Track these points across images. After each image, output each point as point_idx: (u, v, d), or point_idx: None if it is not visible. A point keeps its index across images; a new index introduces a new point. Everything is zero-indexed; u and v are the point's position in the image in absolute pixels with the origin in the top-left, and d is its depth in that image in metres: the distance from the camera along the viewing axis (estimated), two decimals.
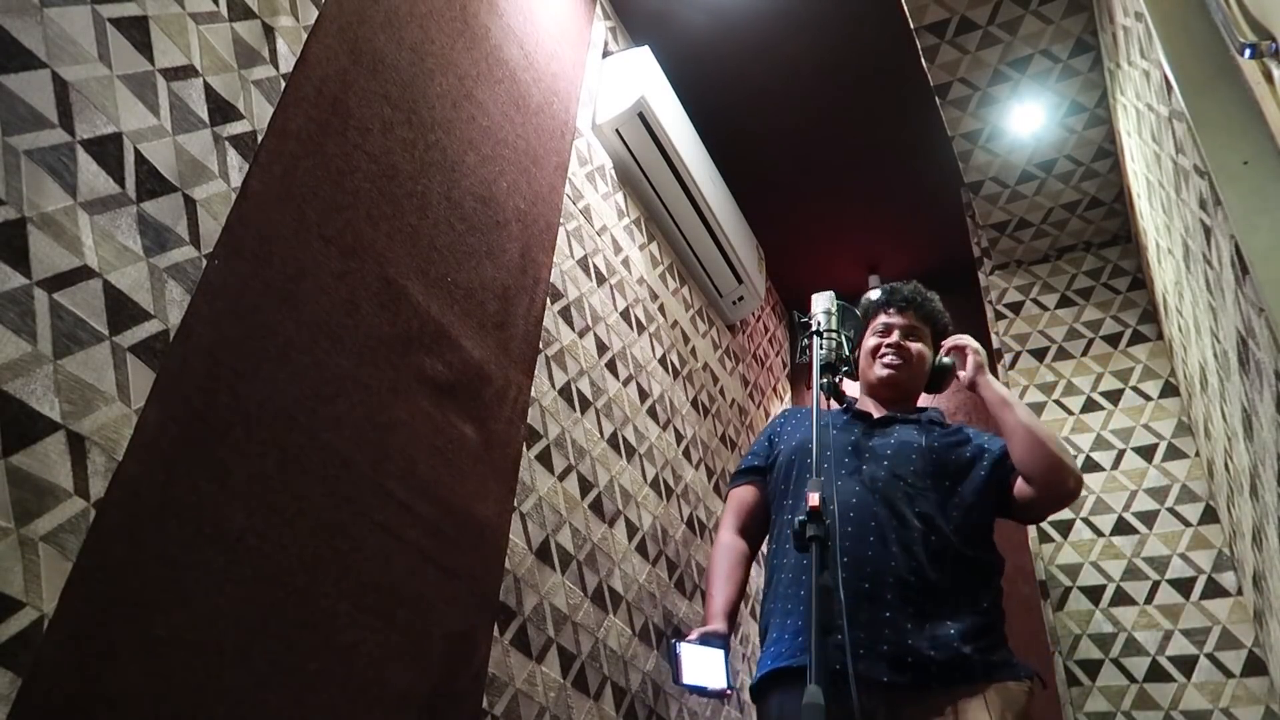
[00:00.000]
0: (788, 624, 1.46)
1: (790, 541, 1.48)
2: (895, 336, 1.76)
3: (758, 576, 2.16)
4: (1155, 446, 3.05)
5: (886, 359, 1.74)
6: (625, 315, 2.41)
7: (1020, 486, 1.54)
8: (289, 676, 1.14)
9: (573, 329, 2.10)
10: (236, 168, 1.24)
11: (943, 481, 1.56)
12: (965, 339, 1.72)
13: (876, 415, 1.71)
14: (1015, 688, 1.37)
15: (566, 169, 2.21)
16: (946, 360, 1.77)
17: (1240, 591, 2.63)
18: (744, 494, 1.79)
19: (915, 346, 1.76)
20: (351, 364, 1.37)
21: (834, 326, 1.49)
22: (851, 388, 1.82)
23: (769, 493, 1.76)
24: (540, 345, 1.92)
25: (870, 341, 1.79)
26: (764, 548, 1.81)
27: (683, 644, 1.46)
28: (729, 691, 1.47)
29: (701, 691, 1.45)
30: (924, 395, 1.83)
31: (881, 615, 1.38)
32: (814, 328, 1.49)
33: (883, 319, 1.79)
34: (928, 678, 1.33)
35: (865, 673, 1.30)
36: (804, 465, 1.64)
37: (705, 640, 1.52)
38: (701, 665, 1.45)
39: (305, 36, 1.42)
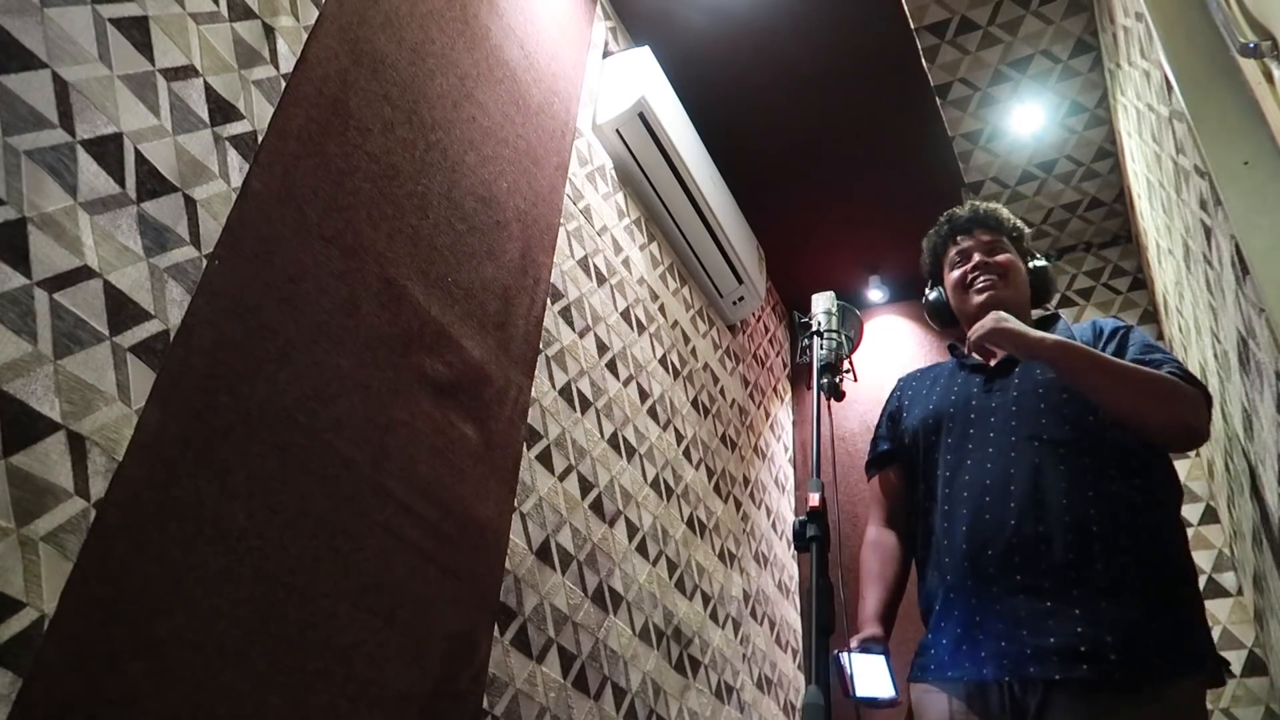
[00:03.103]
0: (943, 628, 1.37)
1: (933, 536, 1.42)
2: (977, 258, 1.59)
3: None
4: None
5: (979, 284, 1.56)
6: (625, 315, 2.41)
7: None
8: (289, 676, 1.14)
9: (573, 329, 2.10)
10: (237, 168, 1.24)
11: (1086, 412, 1.38)
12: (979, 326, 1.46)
13: (992, 363, 1.52)
14: (1191, 690, 1.21)
15: (567, 169, 2.21)
16: (1042, 262, 1.61)
17: (1241, 592, 2.63)
18: (881, 483, 1.63)
19: (1004, 258, 1.58)
20: (351, 364, 1.37)
21: (834, 326, 1.48)
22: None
23: (907, 475, 1.60)
24: (540, 345, 1.92)
25: (953, 275, 1.62)
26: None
27: (852, 655, 1.36)
28: (899, 700, 1.34)
29: (873, 703, 1.33)
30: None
31: (1042, 605, 1.25)
32: (814, 328, 1.49)
33: (954, 251, 1.64)
34: (1108, 668, 1.17)
35: (1039, 675, 1.21)
36: (931, 445, 1.50)
37: (864, 648, 1.42)
38: (869, 675, 1.35)
39: (305, 36, 1.42)
